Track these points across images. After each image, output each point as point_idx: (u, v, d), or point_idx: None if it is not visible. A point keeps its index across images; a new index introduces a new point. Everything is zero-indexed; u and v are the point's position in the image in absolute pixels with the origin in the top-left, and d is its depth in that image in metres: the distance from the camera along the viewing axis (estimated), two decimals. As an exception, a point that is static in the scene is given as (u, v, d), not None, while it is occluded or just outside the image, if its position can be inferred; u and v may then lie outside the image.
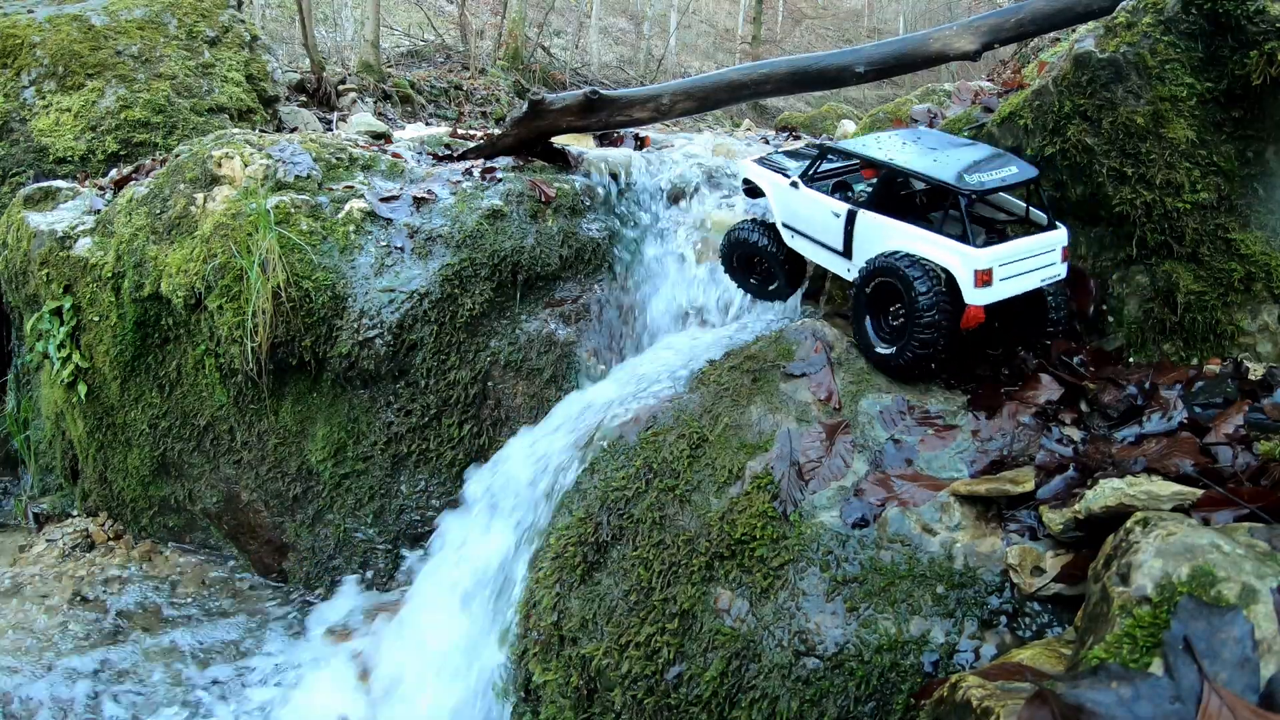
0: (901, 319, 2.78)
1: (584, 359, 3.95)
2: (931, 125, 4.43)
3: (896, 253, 2.79)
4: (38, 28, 5.83)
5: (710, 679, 2.35)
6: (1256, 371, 2.55)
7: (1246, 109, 2.76)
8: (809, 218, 3.28)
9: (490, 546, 3.17)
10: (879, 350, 2.88)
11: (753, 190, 3.63)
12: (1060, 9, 4.17)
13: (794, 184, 3.33)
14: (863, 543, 2.36)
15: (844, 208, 3.07)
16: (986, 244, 2.75)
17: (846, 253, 3.11)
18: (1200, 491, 1.87)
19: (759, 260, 3.61)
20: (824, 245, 3.23)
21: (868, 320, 2.92)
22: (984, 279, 2.64)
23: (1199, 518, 1.78)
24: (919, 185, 3.18)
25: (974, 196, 2.71)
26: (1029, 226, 2.95)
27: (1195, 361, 2.80)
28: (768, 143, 6.12)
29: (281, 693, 3.42)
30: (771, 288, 3.65)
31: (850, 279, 3.07)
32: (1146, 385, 2.52)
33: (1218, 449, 2.12)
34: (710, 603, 2.46)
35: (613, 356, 4.02)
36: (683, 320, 4.18)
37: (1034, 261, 2.76)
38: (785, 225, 3.43)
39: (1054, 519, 2.09)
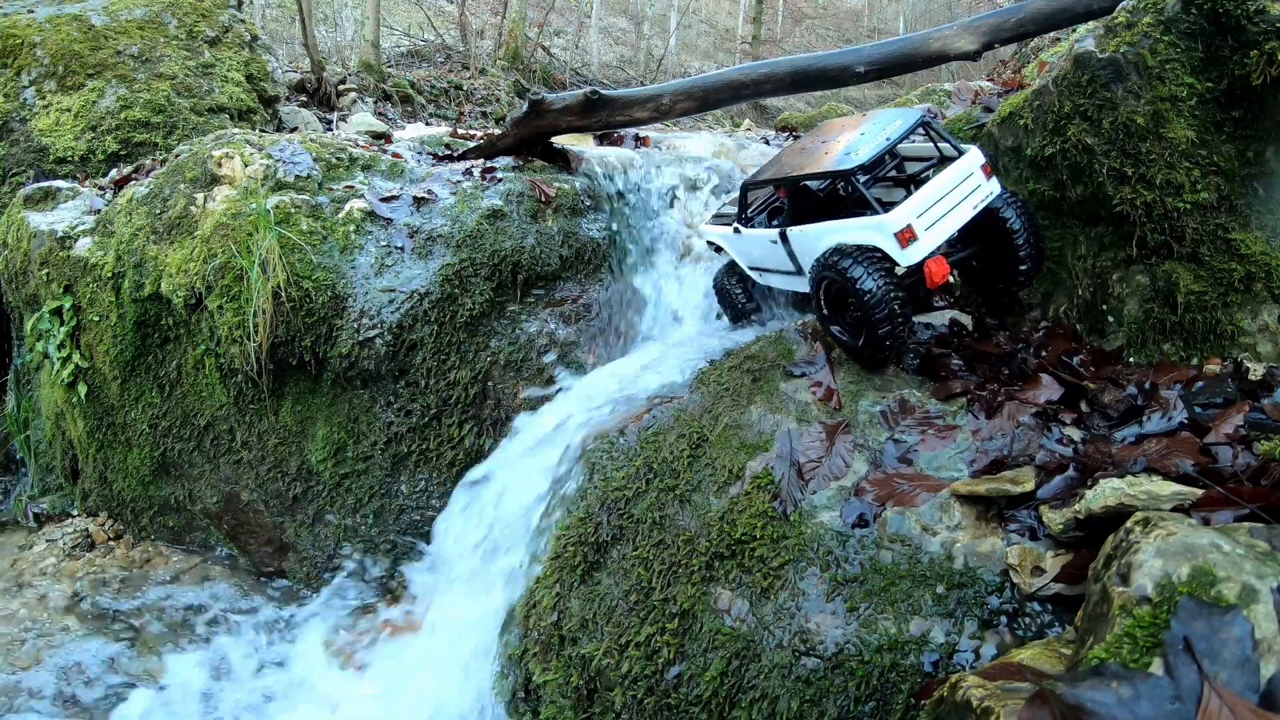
0: (857, 312, 2.80)
1: (584, 359, 3.95)
2: (931, 125, 4.43)
3: (829, 251, 2.82)
4: (38, 28, 5.83)
5: (710, 679, 2.35)
6: (1256, 371, 2.55)
7: (1246, 109, 2.76)
8: (761, 255, 3.38)
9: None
10: (848, 342, 2.93)
11: (720, 247, 3.79)
12: (1060, 9, 4.17)
13: (735, 229, 3.46)
14: (863, 543, 2.36)
15: (775, 233, 3.14)
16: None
17: (800, 271, 3.16)
18: (1200, 491, 1.87)
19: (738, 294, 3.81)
20: (784, 273, 3.31)
21: (834, 326, 2.96)
22: (907, 236, 2.64)
23: (1199, 518, 1.78)
24: (823, 183, 3.25)
25: (859, 170, 2.75)
26: (946, 161, 2.96)
27: (1195, 361, 2.80)
28: (768, 143, 6.11)
29: (281, 690, 3.42)
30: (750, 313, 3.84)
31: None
32: (1146, 385, 2.52)
33: (1218, 449, 2.12)
34: (710, 603, 2.45)
35: (610, 355, 4.02)
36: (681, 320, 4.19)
37: (956, 195, 2.75)
38: (751, 269, 3.56)
39: (1054, 519, 2.09)
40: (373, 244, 3.90)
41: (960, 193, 2.75)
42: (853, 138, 2.95)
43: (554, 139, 4.68)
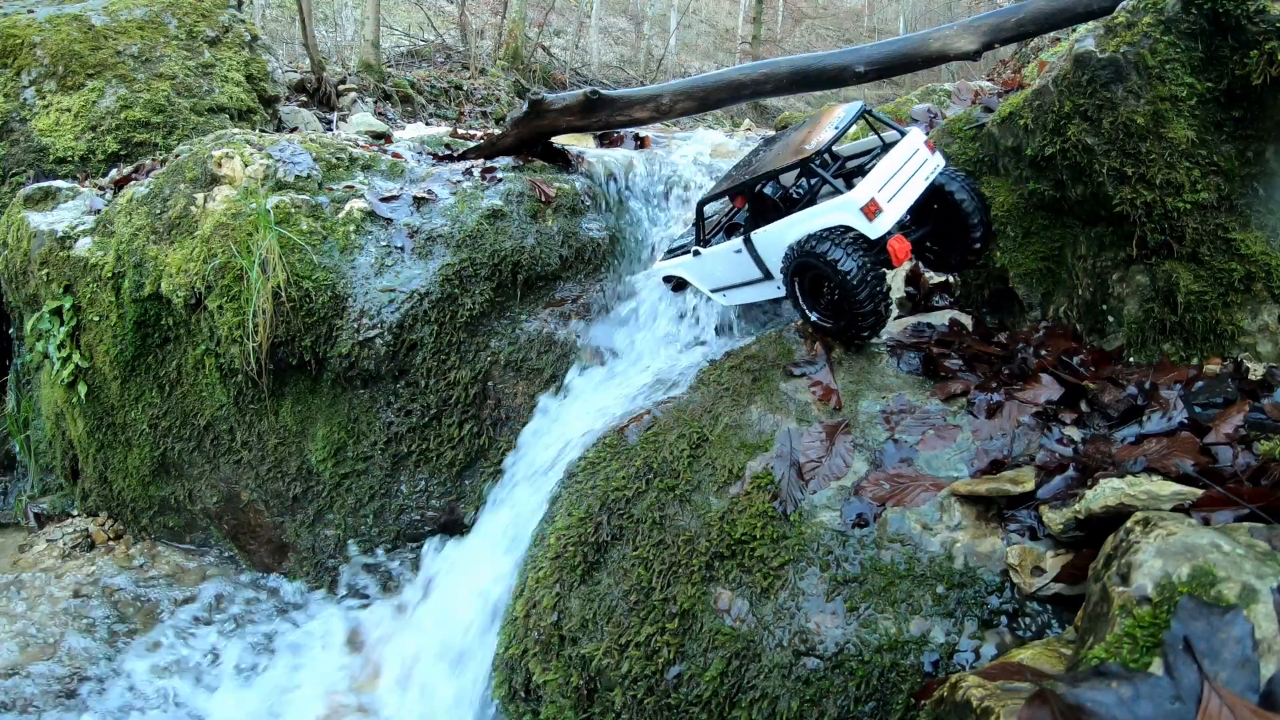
0: (837, 295, 2.87)
1: (584, 359, 3.95)
2: (931, 125, 4.43)
3: (801, 239, 2.91)
4: (38, 28, 5.83)
5: (710, 679, 2.35)
6: (1256, 371, 2.55)
7: (1246, 109, 2.76)
8: (724, 272, 3.46)
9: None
10: (828, 326, 2.98)
11: (679, 284, 3.85)
12: (1060, 9, 4.17)
13: (695, 253, 3.53)
14: (863, 542, 2.36)
15: (739, 242, 3.24)
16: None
17: (767, 275, 3.26)
18: (1200, 491, 1.87)
19: None
20: (749, 284, 3.38)
21: (813, 313, 3.02)
22: (873, 209, 2.76)
23: (1199, 517, 1.78)
24: (784, 184, 3.33)
25: (817, 156, 2.89)
26: (891, 146, 3.10)
27: (1195, 361, 2.80)
28: (768, 143, 6.11)
29: (284, 688, 3.42)
30: None
31: (783, 292, 3.20)
32: (1146, 385, 2.52)
33: (1218, 449, 2.12)
34: (710, 602, 2.45)
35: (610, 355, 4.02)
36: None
37: (908, 169, 2.90)
38: (714, 292, 3.63)
39: (1054, 519, 2.09)
40: (373, 244, 3.90)
41: (911, 166, 2.91)
42: (798, 136, 3.10)
43: (554, 139, 4.68)
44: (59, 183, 4.91)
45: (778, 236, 3.06)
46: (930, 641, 2.11)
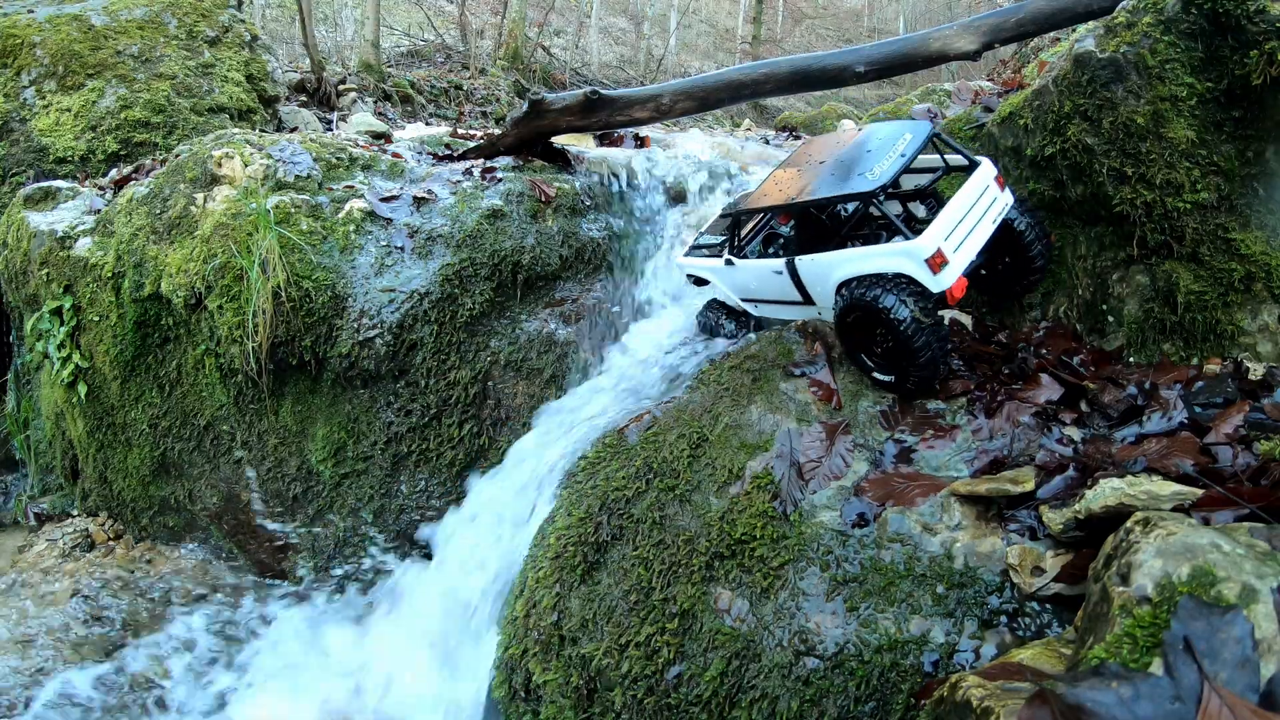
0: (890, 344, 2.68)
1: (584, 358, 3.95)
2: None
3: (856, 281, 2.70)
4: (38, 28, 5.83)
5: (710, 679, 2.35)
6: (1256, 371, 2.55)
7: (1246, 109, 2.76)
8: (759, 286, 3.24)
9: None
10: (881, 378, 2.81)
11: (700, 280, 3.64)
12: (1060, 9, 4.17)
13: (728, 261, 3.30)
14: (863, 542, 2.36)
15: (780, 263, 2.99)
16: (920, 226, 2.66)
17: (807, 300, 3.06)
18: (1200, 491, 1.87)
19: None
20: (786, 303, 3.18)
21: (860, 355, 2.86)
22: (939, 261, 2.52)
23: (1199, 517, 1.78)
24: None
25: (881, 192, 2.63)
26: (954, 172, 2.90)
27: (1195, 361, 2.80)
28: (767, 143, 6.11)
29: (284, 689, 3.42)
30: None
31: (828, 318, 3.01)
32: (1146, 385, 2.52)
33: (1218, 449, 2.12)
34: (710, 602, 2.46)
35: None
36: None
37: (977, 211, 2.66)
38: (745, 301, 3.42)
39: (1054, 519, 2.09)
40: (373, 244, 3.90)
41: (980, 208, 2.67)
42: (858, 154, 2.83)
43: (554, 139, 4.68)
44: (59, 183, 4.91)
45: (826, 268, 2.82)
46: (930, 641, 2.11)
